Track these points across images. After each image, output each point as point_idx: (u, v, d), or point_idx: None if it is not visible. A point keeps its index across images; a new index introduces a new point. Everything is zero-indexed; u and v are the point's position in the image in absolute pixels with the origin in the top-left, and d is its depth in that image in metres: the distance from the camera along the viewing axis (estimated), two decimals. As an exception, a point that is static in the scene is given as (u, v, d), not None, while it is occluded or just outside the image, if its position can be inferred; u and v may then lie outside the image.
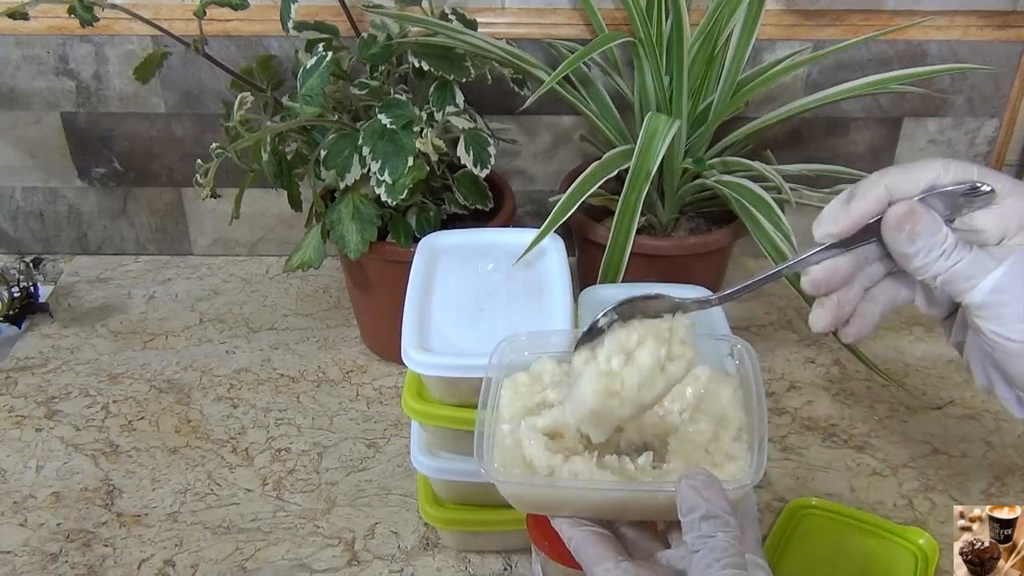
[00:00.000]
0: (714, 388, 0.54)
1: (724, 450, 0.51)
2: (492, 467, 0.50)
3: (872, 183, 0.50)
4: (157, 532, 0.72)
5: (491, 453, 0.51)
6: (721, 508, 0.44)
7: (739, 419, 0.52)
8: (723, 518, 0.44)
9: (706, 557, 0.43)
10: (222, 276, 1.04)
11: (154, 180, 1.03)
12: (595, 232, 0.85)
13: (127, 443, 0.81)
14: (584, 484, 0.49)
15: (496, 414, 0.53)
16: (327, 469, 0.78)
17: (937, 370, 0.89)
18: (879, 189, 0.50)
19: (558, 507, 0.50)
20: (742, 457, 0.50)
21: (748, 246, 1.00)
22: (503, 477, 0.49)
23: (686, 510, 0.45)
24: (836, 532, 0.71)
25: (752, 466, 0.49)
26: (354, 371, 0.90)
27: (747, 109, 0.93)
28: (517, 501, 0.51)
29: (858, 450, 0.80)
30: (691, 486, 0.45)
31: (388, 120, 0.77)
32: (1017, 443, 0.80)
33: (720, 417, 0.52)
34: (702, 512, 0.44)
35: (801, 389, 0.87)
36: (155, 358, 0.91)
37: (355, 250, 0.80)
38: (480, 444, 0.50)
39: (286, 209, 0.87)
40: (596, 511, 0.50)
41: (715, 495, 0.45)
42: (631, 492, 0.49)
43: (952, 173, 0.49)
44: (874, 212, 0.50)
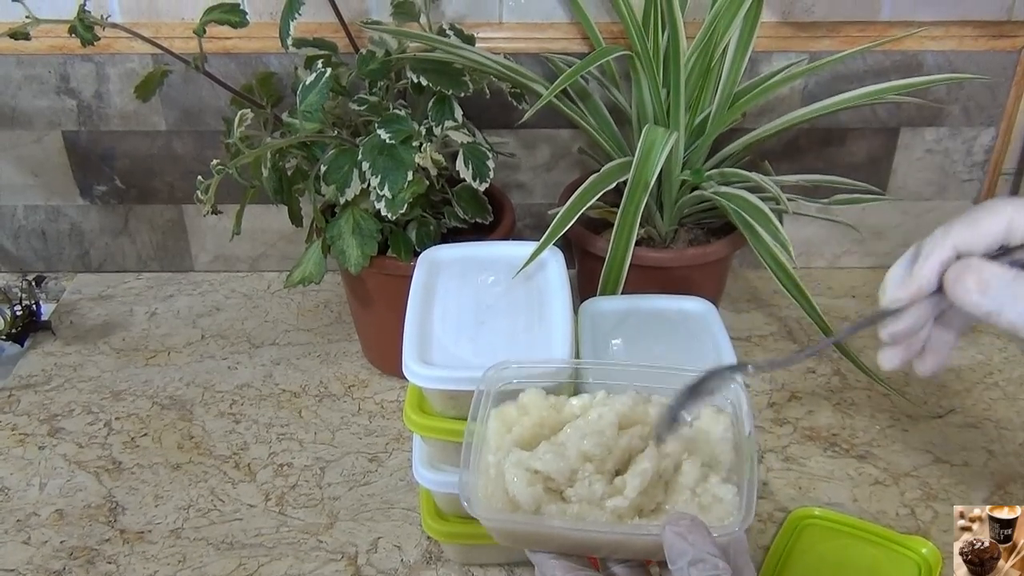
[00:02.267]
0: (704, 425, 0.52)
1: (712, 492, 0.49)
2: (477, 499, 0.49)
3: (937, 242, 0.47)
4: (160, 549, 0.72)
5: (476, 484, 0.50)
6: (708, 551, 0.43)
7: (728, 460, 0.51)
8: (711, 561, 0.42)
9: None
10: (223, 292, 1.04)
11: (155, 197, 1.03)
12: (594, 244, 0.85)
13: (130, 460, 0.81)
14: (567, 524, 0.48)
15: (484, 446, 0.52)
16: (329, 484, 0.78)
17: (938, 379, 0.89)
18: (946, 251, 0.47)
19: (541, 543, 0.49)
20: (730, 500, 0.49)
21: (747, 257, 1.01)
22: (489, 514, 0.49)
23: (674, 557, 0.43)
24: (839, 542, 0.71)
25: (741, 510, 0.48)
26: (356, 385, 0.90)
27: (744, 121, 0.94)
28: (501, 536, 0.50)
29: (860, 459, 0.80)
30: (675, 532, 0.44)
31: (387, 135, 0.77)
32: (1019, 451, 0.80)
33: (709, 456, 0.51)
34: (689, 558, 0.43)
35: (802, 399, 0.87)
36: (157, 375, 0.91)
37: (356, 265, 0.80)
38: (467, 458, 0.50)
39: (287, 225, 0.87)
40: (581, 549, 0.49)
41: (701, 539, 0.43)
42: (616, 535, 0.48)
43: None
44: (940, 272, 0.47)
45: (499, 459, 0.51)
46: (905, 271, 0.48)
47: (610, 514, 0.48)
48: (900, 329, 0.49)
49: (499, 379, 0.55)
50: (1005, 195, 1.05)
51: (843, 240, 1.05)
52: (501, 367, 0.56)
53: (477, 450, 0.51)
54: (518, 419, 0.53)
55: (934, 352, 0.51)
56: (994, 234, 0.46)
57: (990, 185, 1.03)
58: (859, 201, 0.93)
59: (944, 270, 0.47)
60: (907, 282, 0.48)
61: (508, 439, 0.52)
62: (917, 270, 0.47)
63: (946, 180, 1.03)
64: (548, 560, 0.48)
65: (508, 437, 0.52)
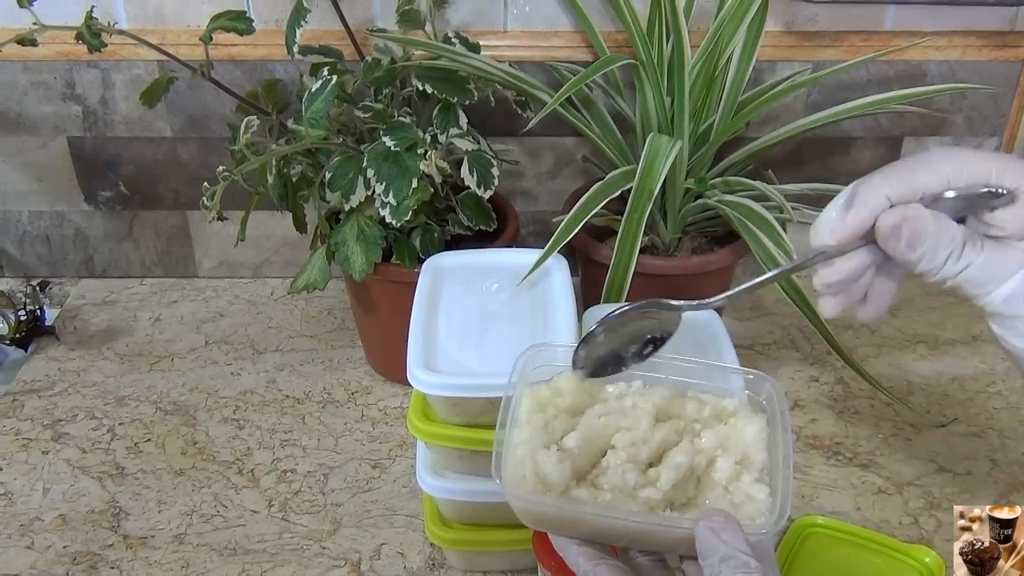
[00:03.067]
0: (740, 423, 0.52)
1: (745, 490, 0.49)
2: (508, 481, 0.48)
3: (872, 190, 0.46)
4: (163, 554, 0.72)
5: (505, 463, 0.49)
6: (740, 549, 0.42)
7: (762, 459, 0.50)
8: (742, 559, 0.42)
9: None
10: (227, 298, 1.04)
11: (160, 203, 1.03)
12: (598, 252, 0.86)
13: (133, 465, 0.81)
14: (600, 510, 0.47)
15: (513, 424, 0.51)
16: (333, 490, 0.78)
17: (941, 387, 0.89)
18: (879, 199, 0.46)
19: (567, 528, 0.49)
20: (763, 499, 0.48)
21: (751, 266, 1.01)
22: (518, 493, 0.48)
23: (705, 552, 0.43)
24: (842, 550, 0.71)
25: (775, 511, 0.47)
26: (359, 392, 0.90)
27: (748, 129, 0.94)
28: (527, 517, 0.50)
29: (863, 468, 0.80)
30: (709, 528, 0.43)
31: (392, 142, 0.77)
32: (1022, 460, 0.80)
33: (743, 455, 0.51)
34: (721, 554, 0.42)
35: (805, 408, 0.87)
36: (161, 380, 0.91)
37: (360, 271, 0.80)
38: (498, 465, 0.49)
39: (291, 231, 0.87)
40: (608, 537, 0.49)
41: (734, 537, 0.43)
42: (647, 525, 0.47)
43: (967, 173, 0.45)
44: (873, 220, 0.47)
45: (530, 437, 0.50)
46: (838, 215, 0.48)
47: (641, 504, 0.48)
48: (835, 279, 0.49)
49: (535, 361, 0.55)
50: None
51: (846, 249, 1.05)
52: (538, 348, 0.55)
53: (508, 429, 0.50)
54: (551, 400, 0.53)
55: (875, 300, 0.50)
56: (933, 186, 0.46)
57: (993, 194, 1.03)
58: (862, 210, 0.92)
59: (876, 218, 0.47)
60: (837, 228, 0.47)
61: (539, 419, 0.51)
62: (851, 218, 0.47)
63: (949, 189, 1.03)
64: (572, 547, 0.48)
65: (539, 416, 0.51)
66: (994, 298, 0.46)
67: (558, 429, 0.51)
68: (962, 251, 0.46)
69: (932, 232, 0.45)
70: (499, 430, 0.50)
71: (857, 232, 0.47)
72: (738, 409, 0.53)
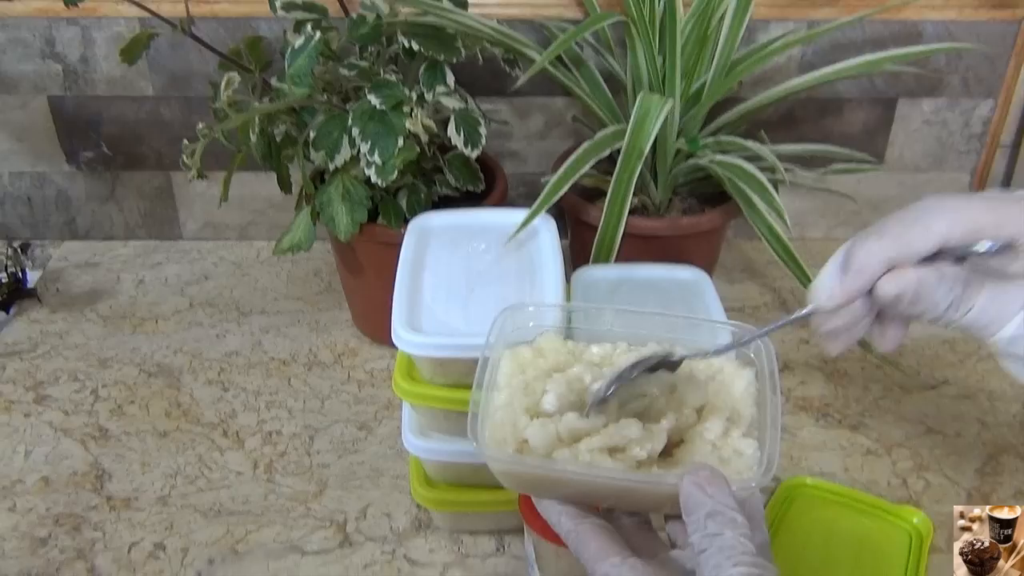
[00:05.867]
0: (727, 378, 0.51)
1: (732, 446, 0.48)
2: (485, 442, 0.47)
3: (868, 256, 0.46)
4: (147, 516, 0.72)
5: (484, 426, 0.48)
6: (726, 505, 0.41)
7: (750, 414, 0.49)
8: (729, 515, 0.41)
9: (715, 557, 0.40)
10: (212, 260, 1.03)
11: (142, 164, 1.02)
12: (587, 213, 0.85)
13: (117, 427, 0.80)
14: (582, 469, 0.46)
15: (493, 387, 0.50)
16: (319, 451, 0.78)
17: (932, 350, 0.89)
18: (874, 266, 0.46)
19: (550, 489, 0.48)
20: (750, 455, 0.47)
21: (742, 228, 1.00)
22: (497, 456, 0.47)
23: (691, 508, 0.42)
24: (830, 511, 0.71)
25: (761, 465, 0.46)
26: (345, 354, 0.89)
27: (741, 90, 0.93)
28: (508, 480, 0.48)
29: (852, 430, 0.80)
30: (695, 483, 0.42)
31: (378, 101, 0.76)
32: (1011, 422, 0.80)
33: (731, 411, 0.50)
34: (707, 510, 0.41)
35: (795, 370, 0.86)
36: (145, 342, 0.90)
37: (345, 232, 0.79)
38: (474, 425, 0.48)
39: (276, 192, 0.86)
40: (591, 497, 0.48)
41: (720, 492, 0.42)
42: (630, 482, 0.46)
43: (960, 230, 0.45)
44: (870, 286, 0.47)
45: (510, 400, 0.49)
46: (833, 280, 0.48)
47: (625, 463, 0.47)
48: (834, 326, 0.49)
49: (513, 322, 0.53)
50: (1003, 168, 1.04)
51: (838, 212, 1.05)
52: (516, 309, 0.54)
53: (487, 391, 0.49)
54: (532, 361, 0.51)
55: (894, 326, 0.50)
56: (927, 250, 0.46)
57: (987, 157, 1.02)
58: (855, 171, 0.92)
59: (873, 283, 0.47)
60: (835, 294, 0.48)
61: (520, 380, 0.50)
62: (848, 285, 0.47)
63: (943, 152, 1.02)
64: (555, 506, 0.47)
65: (520, 378, 0.50)
66: (999, 339, 0.46)
67: (539, 391, 0.50)
68: (962, 297, 0.46)
69: (930, 291, 0.46)
70: (475, 391, 0.49)
71: (854, 297, 0.47)
72: (725, 364, 0.52)
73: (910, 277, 0.46)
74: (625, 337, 0.54)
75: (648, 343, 0.53)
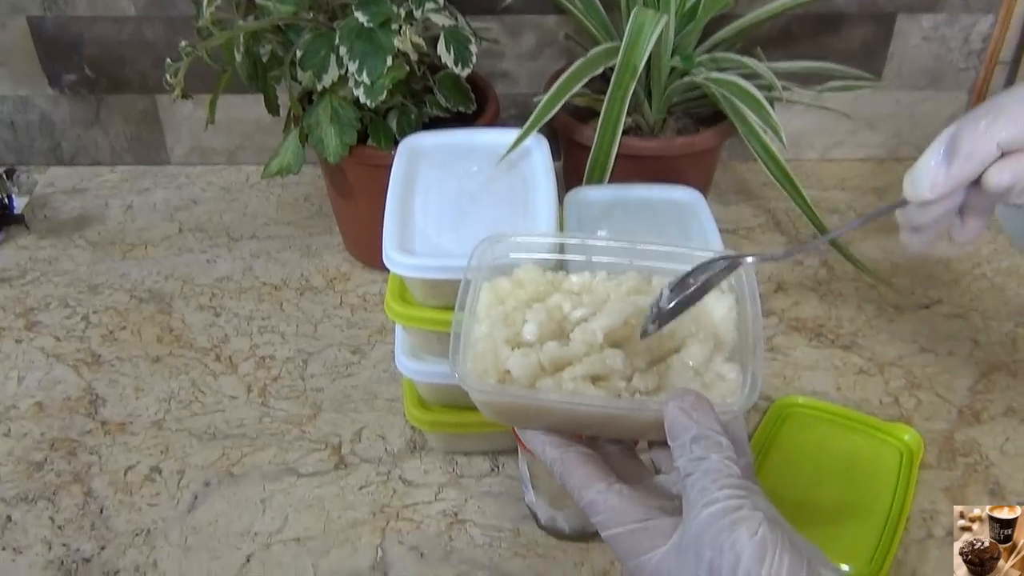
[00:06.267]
0: (708, 304, 0.50)
1: (715, 370, 0.48)
2: (467, 373, 0.47)
3: (978, 137, 0.42)
4: (142, 440, 0.72)
5: (465, 358, 0.48)
6: (711, 428, 0.41)
7: (732, 339, 0.49)
8: (714, 438, 0.41)
9: (701, 480, 0.40)
10: (201, 185, 1.02)
11: (127, 87, 0.99)
12: (580, 133, 0.83)
13: (109, 353, 0.80)
14: (566, 398, 0.45)
15: (473, 319, 0.50)
16: (312, 375, 0.78)
17: (926, 269, 0.88)
18: (987, 148, 0.41)
19: (533, 419, 0.47)
20: (733, 378, 0.47)
21: (737, 149, 0.99)
22: (481, 386, 0.46)
23: (676, 433, 0.42)
24: (821, 429, 0.71)
25: (744, 389, 0.46)
26: (337, 278, 0.88)
27: (737, 6, 0.90)
28: (491, 410, 0.48)
29: (845, 350, 0.80)
30: (679, 408, 0.42)
31: (365, 18, 0.74)
32: (1003, 341, 0.80)
33: (712, 336, 0.49)
34: (692, 434, 0.41)
35: (788, 290, 0.86)
36: (135, 268, 0.90)
37: (334, 154, 0.78)
38: (456, 347, 0.47)
39: (264, 116, 0.84)
40: (575, 426, 0.47)
41: (705, 416, 0.42)
42: (614, 409, 0.46)
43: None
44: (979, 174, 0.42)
45: (490, 331, 0.48)
46: (938, 168, 0.43)
47: (607, 391, 0.47)
48: (923, 220, 0.46)
49: (492, 252, 0.53)
50: (1002, 85, 1.03)
51: (835, 131, 1.03)
52: (495, 239, 0.53)
53: (467, 322, 0.49)
54: (512, 292, 0.51)
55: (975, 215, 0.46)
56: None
57: (986, 74, 1.00)
58: (853, 88, 0.90)
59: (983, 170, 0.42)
60: (938, 183, 0.43)
61: (499, 311, 0.50)
62: (955, 173, 0.42)
63: (942, 69, 1.00)
64: (539, 436, 0.47)
65: (499, 309, 0.50)
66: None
67: (519, 322, 0.49)
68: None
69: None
70: (457, 311, 0.49)
71: (961, 186, 0.43)
72: None
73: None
74: (605, 266, 0.53)
75: (628, 272, 0.52)
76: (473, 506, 0.67)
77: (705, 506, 0.39)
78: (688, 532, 0.40)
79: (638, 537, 0.42)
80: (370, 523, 0.66)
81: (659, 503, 0.43)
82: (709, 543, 0.39)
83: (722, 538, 0.38)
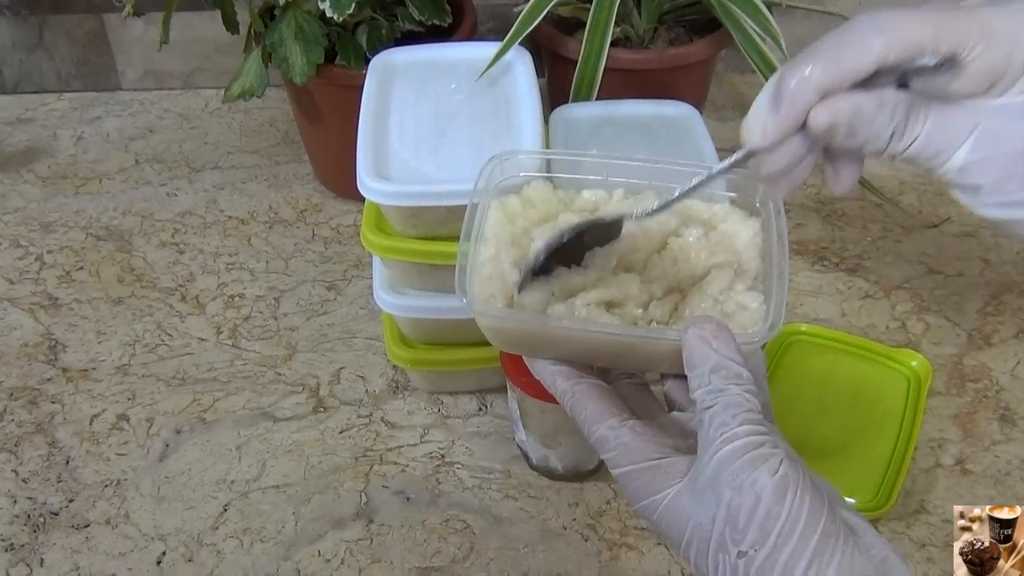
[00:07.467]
0: (731, 228, 0.48)
1: (737, 299, 0.45)
2: (473, 297, 0.44)
3: (798, 84, 0.42)
4: (107, 387, 0.69)
5: (471, 283, 0.45)
6: (732, 359, 0.39)
7: (755, 267, 0.46)
8: (735, 369, 0.39)
9: (721, 415, 0.38)
10: (156, 112, 0.98)
11: (71, 6, 0.94)
12: (565, 46, 0.80)
13: (66, 295, 0.76)
14: (578, 324, 0.43)
15: (480, 240, 0.46)
16: (285, 314, 0.74)
17: (933, 187, 0.85)
18: (806, 94, 0.42)
19: (542, 348, 0.45)
20: (755, 308, 0.44)
21: (732, 60, 0.95)
22: (489, 311, 0.44)
23: (695, 362, 0.40)
24: (826, 357, 0.69)
25: (768, 319, 0.43)
26: (308, 210, 0.85)
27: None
28: (498, 337, 0.46)
29: (850, 273, 0.77)
30: (699, 336, 0.40)
31: (329, -79, 0.68)
32: (1015, 259, 0.78)
33: (735, 262, 0.47)
34: (712, 364, 0.39)
35: (790, 212, 0.83)
36: (89, 204, 0.85)
37: (300, 74, 0.73)
38: (462, 279, 0.44)
39: (222, 34, 0.80)
40: (586, 355, 0.45)
41: (725, 346, 0.40)
42: (629, 337, 0.43)
43: (897, 46, 0.41)
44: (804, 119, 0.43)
45: (497, 253, 0.46)
46: (765, 115, 0.43)
47: (622, 318, 0.44)
48: (775, 169, 0.45)
49: (501, 172, 0.49)
50: None
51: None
52: (503, 158, 0.50)
53: (474, 244, 0.46)
54: (522, 212, 0.48)
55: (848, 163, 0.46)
56: (863, 72, 0.41)
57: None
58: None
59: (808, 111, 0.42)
60: (768, 131, 0.43)
61: (507, 232, 0.47)
62: (781, 119, 0.43)
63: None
64: (548, 366, 0.45)
65: (508, 230, 0.47)
66: (948, 169, 0.43)
67: (527, 243, 0.46)
68: (906, 125, 0.42)
69: (868, 119, 0.42)
70: (463, 242, 0.45)
71: (789, 130, 0.43)
72: (729, 213, 0.48)
73: (843, 104, 0.42)
74: (621, 183, 0.50)
75: (645, 191, 0.49)
76: (461, 447, 0.65)
77: (725, 442, 0.38)
78: (704, 470, 0.38)
79: (650, 475, 0.40)
80: (352, 468, 0.63)
81: (673, 441, 0.42)
82: (728, 482, 0.37)
83: (742, 477, 0.37)
